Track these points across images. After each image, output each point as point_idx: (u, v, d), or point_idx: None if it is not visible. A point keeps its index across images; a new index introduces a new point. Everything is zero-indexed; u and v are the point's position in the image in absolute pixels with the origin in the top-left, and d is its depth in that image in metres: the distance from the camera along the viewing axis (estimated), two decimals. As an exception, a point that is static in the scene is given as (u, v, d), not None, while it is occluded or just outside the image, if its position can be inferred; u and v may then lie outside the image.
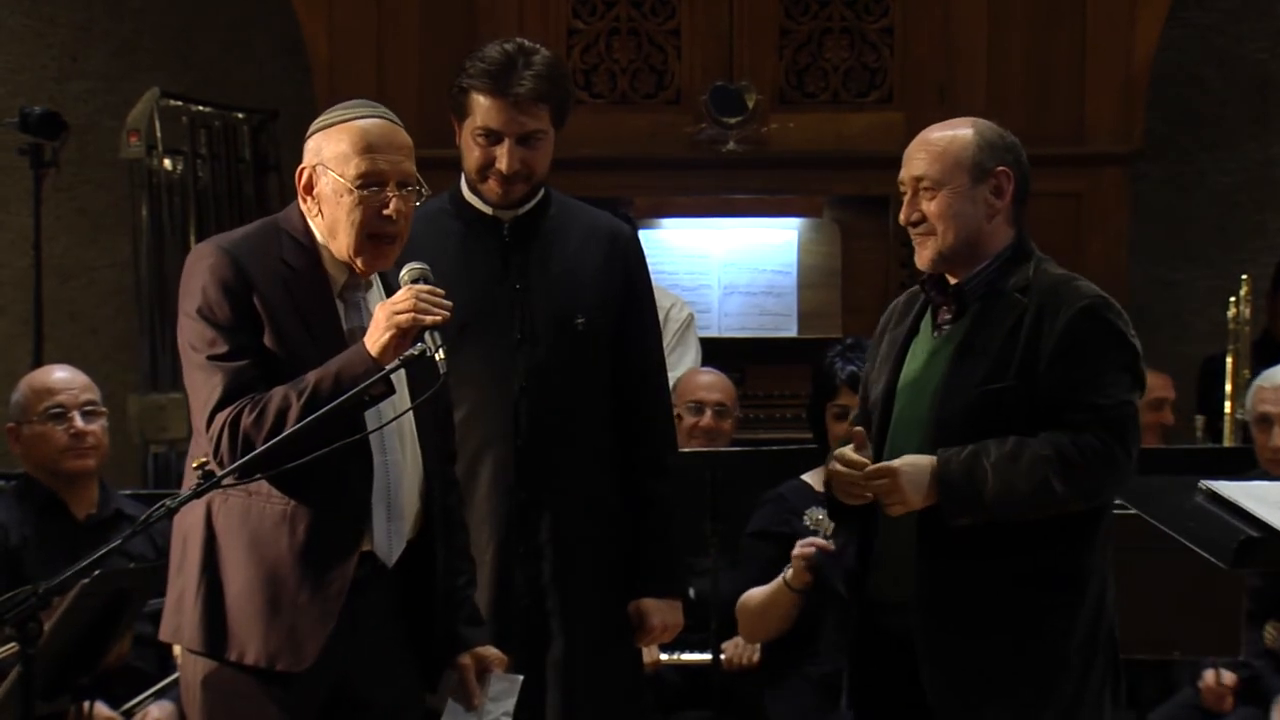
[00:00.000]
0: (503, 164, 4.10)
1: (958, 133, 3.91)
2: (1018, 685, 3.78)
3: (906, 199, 3.90)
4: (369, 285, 3.69)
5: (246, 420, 3.50)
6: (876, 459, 3.83)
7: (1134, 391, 3.81)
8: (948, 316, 3.90)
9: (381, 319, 3.51)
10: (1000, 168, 3.89)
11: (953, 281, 3.90)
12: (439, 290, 3.52)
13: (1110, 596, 3.88)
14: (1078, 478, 3.71)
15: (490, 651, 3.79)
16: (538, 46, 4.15)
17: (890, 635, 3.88)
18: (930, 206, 3.87)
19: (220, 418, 3.54)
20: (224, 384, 3.55)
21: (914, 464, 3.76)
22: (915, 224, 3.89)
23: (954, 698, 3.78)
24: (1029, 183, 3.95)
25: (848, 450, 3.85)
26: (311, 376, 3.50)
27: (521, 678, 3.81)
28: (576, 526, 4.15)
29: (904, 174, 3.91)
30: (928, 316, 3.95)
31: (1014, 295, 3.83)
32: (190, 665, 3.65)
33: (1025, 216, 3.96)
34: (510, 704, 3.76)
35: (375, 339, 3.50)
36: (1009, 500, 3.71)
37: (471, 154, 4.14)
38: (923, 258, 3.91)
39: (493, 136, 4.10)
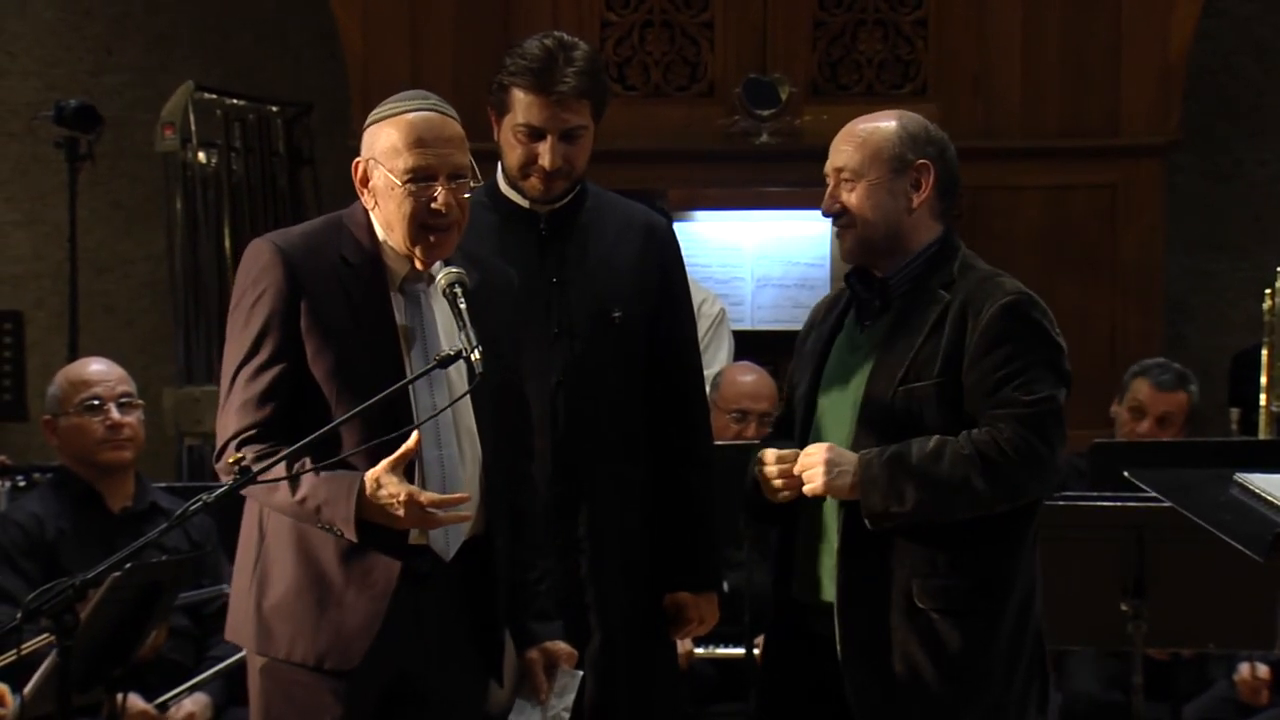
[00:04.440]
0: (545, 160, 4.09)
1: (880, 124, 3.87)
2: (938, 688, 3.74)
3: (828, 190, 3.88)
4: (431, 278, 3.69)
5: (251, 463, 3.52)
6: None
7: (1058, 388, 3.77)
8: (871, 312, 3.88)
9: (381, 499, 3.48)
10: (920, 161, 3.83)
11: (878, 276, 3.88)
12: (446, 499, 3.49)
13: (1038, 601, 3.84)
14: (999, 476, 3.68)
15: (559, 646, 3.80)
16: (577, 41, 4.15)
17: (806, 636, 3.87)
18: (850, 198, 3.85)
19: (230, 426, 3.59)
20: (244, 391, 3.59)
21: (843, 453, 3.75)
22: (835, 215, 3.87)
23: (874, 698, 3.75)
24: (956, 179, 3.90)
25: (770, 450, 3.84)
26: (305, 488, 3.50)
27: (581, 674, 3.82)
28: (613, 520, 4.15)
29: (827, 165, 3.89)
30: (852, 312, 3.93)
31: (937, 292, 3.80)
32: (252, 657, 3.69)
33: (952, 212, 3.91)
34: (569, 699, 3.78)
35: (365, 506, 3.49)
36: (932, 501, 3.69)
37: (513, 151, 4.13)
38: (843, 249, 3.89)
39: (535, 133, 4.10)
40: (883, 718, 3.76)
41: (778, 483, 3.82)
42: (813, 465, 3.76)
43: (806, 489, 3.77)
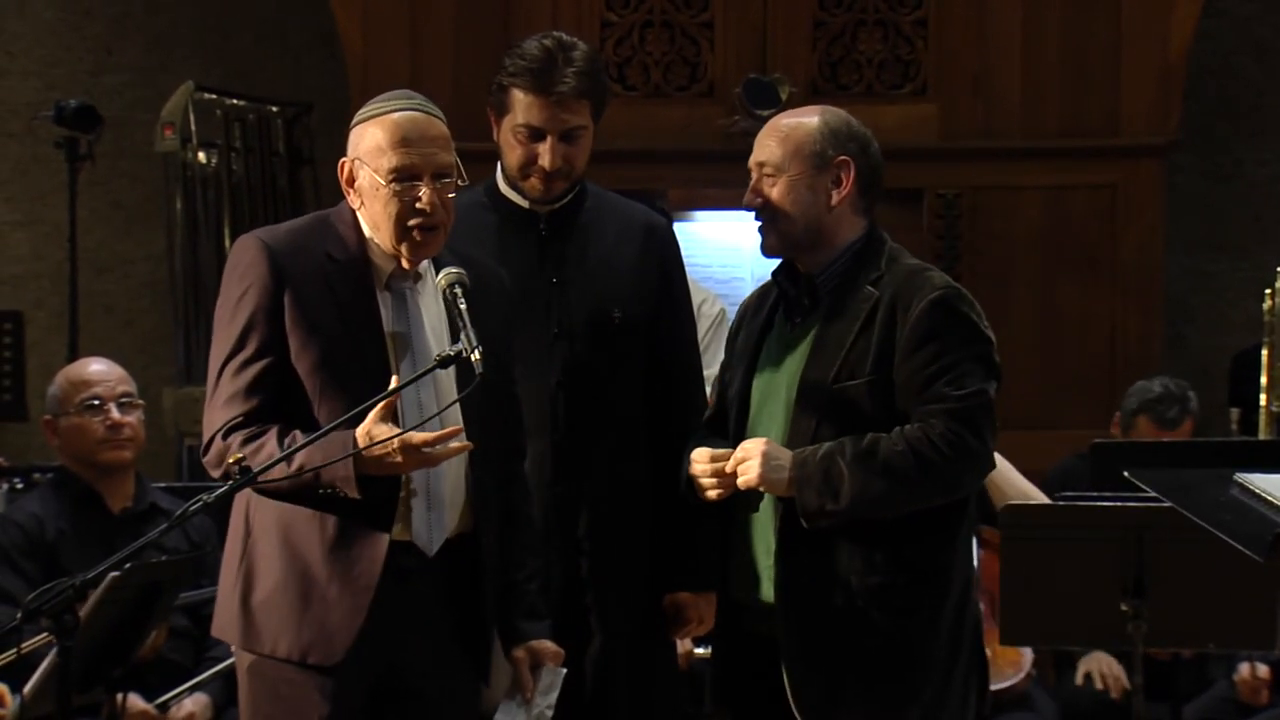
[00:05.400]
0: (545, 161, 4.09)
1: (803, 120, 3.89)
2: (882, 684, 3.75)
3: (751, 184, 3.89)
4: (418, 276, 3.69)
5: (242, 449, 3.52)
6: None
7: (988, 381, 3.77)
8: (801, 310, 3.88)
9: (376, 451, 3.49)
10: (841, 157, 3.85)
11: (805, 273, 3.89)
12: (440, 435, 3.50)
13: (973, 591, 3.87)
14: (933, 471, 3.69)
15: (545, 645, 3.80)
16: (576, 41, 4.15)
17: (750, 634, 3.88)
18: (771, 193, 3.86)
19: (216, 420, 3.60)
20: (230, 385, 3.60)
21: (780, 449, 3.76)
22: (757, 210, 3.87)
23: (817, 697, 3.76)
24: (879, 175, 3.91)
25: (702, 449, 3.84)
26: (300, 457, 3.50)
27: (564, 671, 3.82)
28: (614, 521, 4.15)
29: (751, 159, 3.91)
30: (781, 309, 3.94)
31: (865, 288, 3.81)
32: (239, 655, 3.70)
33: (876, 207, 3.93)
34: (553, 697, 3.79)
35: (363, 463, 3.49)
36: (866, 498, 3.69)
37: (513, 151, 4.13)
38: (765, 244, 3.90)
39: (535, 134, 4.09)
40: (827, 713, 3.76)
41: (709, 481, 3.81)
42: (749, 458, 3.75)
43: (741, 481, 3.77)
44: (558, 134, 4.09)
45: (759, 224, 3.90)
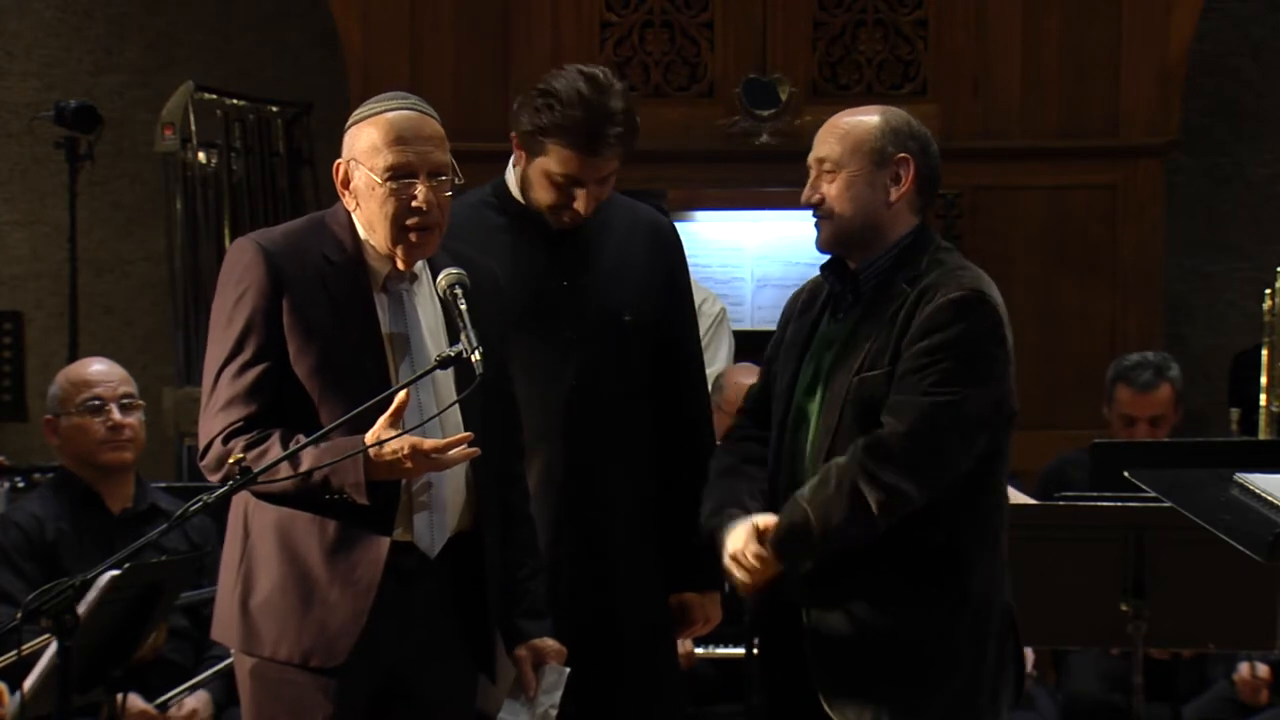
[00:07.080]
0: (581, 205, 4.06)
1: (864, 118, 3.88)
2: (904, 681, 3.74)
3: (810, 180, 3.89)
4: (414, 277, 3.69)
5: (245, 454, 3.52)
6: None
7: (981, 386, 3.73)
8: (844, 306, 3.89)
9: (385, 454, 3.49)
10: (901, 155, 3.84)
11: (851, 269, 3.89)
12: (449, 441, 3.51)
13: (1004, 585, 3.85)
14: (885, 476, 3.66)
15: (547, 644, 3.80)
16: (610, 83, 4.09)
17: (786, 627, 3.87)
18: (830, 189, 3.85)
19: (216, 424, 3.59)
20: (230, 389, 3.59)
21: (734, 543, 3.77)
22: (815, 205, 3.88)
23: (842, 693, 3.77)
24: (936, 176, 3.90)
25: (740, 552, 3.81)
26: (307, 460, 3.49)
27: (568, 670, 3.82)
28: (623, 521, 4.15)
29: (810, 156, 3.90)
30: (830, 306, 3.94)
31: (901, 286, 3.80)
32: (240, 658, 3.69)
33: (930, 207, 3.93)
34: (557, 696, 3.78)
35: (372, 468, 3.50)
36: (833, 529, 3.68)
37: (545, 191, 4.08)
38: (820, 239, 3.89)
39: (572, 182, 4.07)
40: (852, 708, 3.77)
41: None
42: (732, 571, 3.80)
43: (741, 590, 3.84)
44: (595, 180, 4.08)
45: (815, 219, 3.89)
